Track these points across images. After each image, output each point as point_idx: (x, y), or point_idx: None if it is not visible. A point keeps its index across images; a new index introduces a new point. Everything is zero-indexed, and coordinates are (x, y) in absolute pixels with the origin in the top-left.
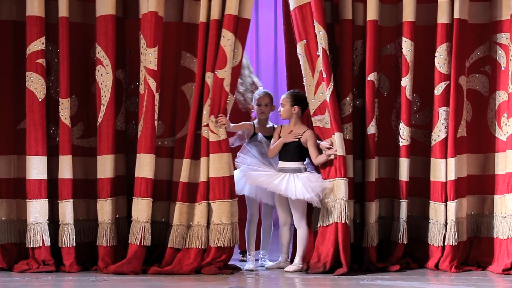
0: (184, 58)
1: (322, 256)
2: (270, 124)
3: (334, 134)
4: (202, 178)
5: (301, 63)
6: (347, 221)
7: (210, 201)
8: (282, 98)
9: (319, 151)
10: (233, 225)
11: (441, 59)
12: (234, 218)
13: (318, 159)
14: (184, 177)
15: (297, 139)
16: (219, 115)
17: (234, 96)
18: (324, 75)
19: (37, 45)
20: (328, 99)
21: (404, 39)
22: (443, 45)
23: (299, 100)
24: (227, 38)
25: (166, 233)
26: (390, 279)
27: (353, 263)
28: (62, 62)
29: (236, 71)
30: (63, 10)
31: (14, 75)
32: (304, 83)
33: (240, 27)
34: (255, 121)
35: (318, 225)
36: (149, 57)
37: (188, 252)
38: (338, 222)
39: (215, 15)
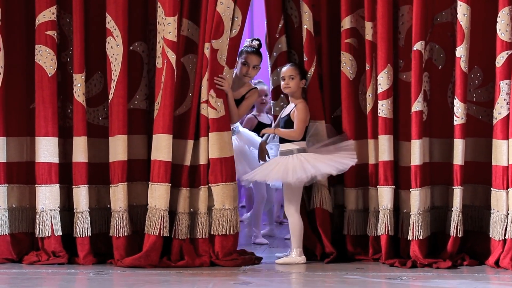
0: (185, 26)
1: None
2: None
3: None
4: (202, 160)
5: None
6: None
7: (211, 185)
8: (291, 69)
9: None
10: (235, 210)
11: (503, 24)
12: (236, 203)
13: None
14: (188, 160)
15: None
16: (219, 76)
17: (235, 70)
18: (305, 58)
19: (47, 15)
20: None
21: (459, 2)
22: (505, 9)
23: (305, 73)
24: (226, 5)
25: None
26: (433, 277)
27: (397, 258)
28: (76, 34)
29: (235, 43)
30: None
31: (27, 50)
32: None
33: None
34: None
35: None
36: (168, 27)
37: (195, 243)
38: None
39: None
